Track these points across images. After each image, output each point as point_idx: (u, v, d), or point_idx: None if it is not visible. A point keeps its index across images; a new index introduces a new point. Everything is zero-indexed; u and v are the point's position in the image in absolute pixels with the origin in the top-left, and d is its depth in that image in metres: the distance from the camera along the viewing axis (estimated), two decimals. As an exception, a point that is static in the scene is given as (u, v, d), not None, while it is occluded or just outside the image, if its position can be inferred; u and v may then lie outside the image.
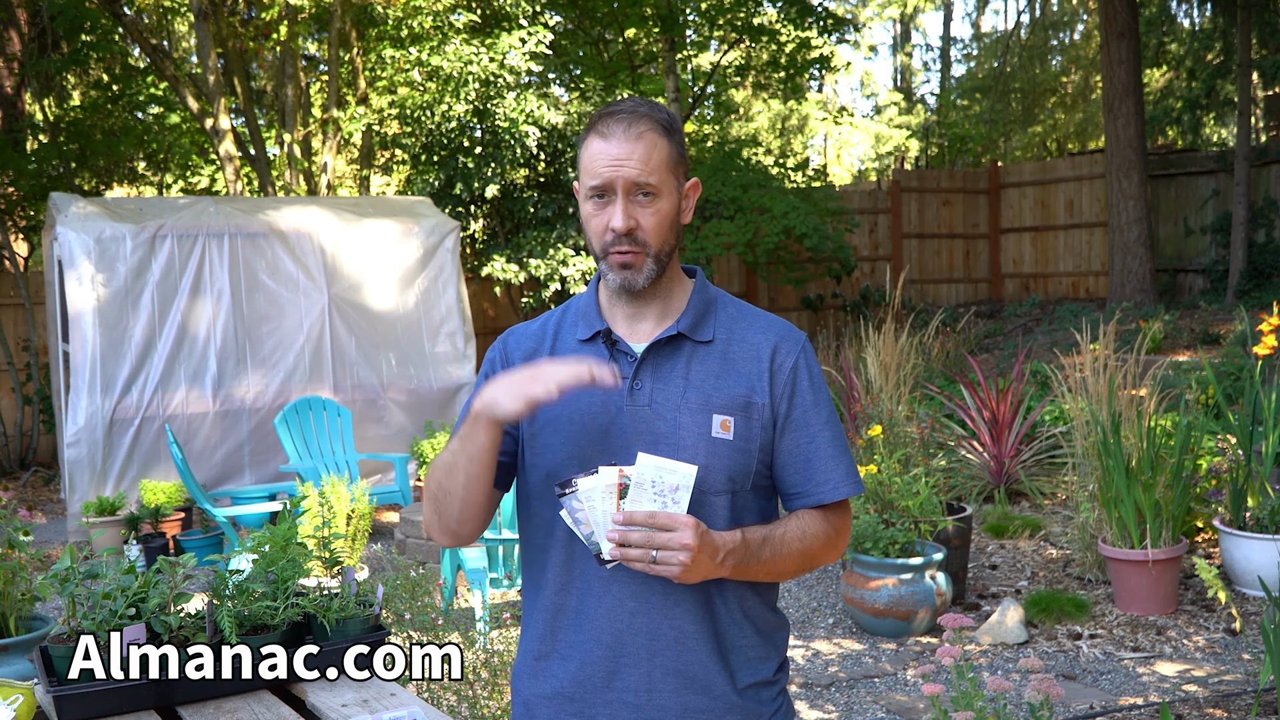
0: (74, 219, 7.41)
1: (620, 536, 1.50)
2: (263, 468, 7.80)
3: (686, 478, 1.52)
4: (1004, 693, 3.11)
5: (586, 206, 1.66)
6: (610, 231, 1.62)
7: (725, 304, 1.75)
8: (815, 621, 5.32)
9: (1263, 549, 5.03)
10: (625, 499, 1.53)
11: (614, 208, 1.62)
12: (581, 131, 1.70)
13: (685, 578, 1.52)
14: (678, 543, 1.49)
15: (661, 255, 1.66)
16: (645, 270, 1.65)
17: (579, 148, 1.69)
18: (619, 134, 1.61)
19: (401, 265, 8.46)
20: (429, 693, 3.36)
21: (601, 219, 1.64)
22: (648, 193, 1.63)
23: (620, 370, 1.66)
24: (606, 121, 1.63)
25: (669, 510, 1.52)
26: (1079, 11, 24.00)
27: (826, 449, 1.69)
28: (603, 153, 1.62)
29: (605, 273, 1.67)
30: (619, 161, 1.61)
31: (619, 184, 1.61)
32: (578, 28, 14.71)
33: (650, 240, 1.64)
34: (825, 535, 1.69)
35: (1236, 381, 8.16)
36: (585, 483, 1.54)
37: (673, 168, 1.66)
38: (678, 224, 1.69)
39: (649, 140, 1.62)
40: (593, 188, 1.63)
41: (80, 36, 11.16)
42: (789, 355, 1.70)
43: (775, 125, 25.35)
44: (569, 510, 1.57)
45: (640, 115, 1.63)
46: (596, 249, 1.66)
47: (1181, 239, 13.92)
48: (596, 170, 1.62)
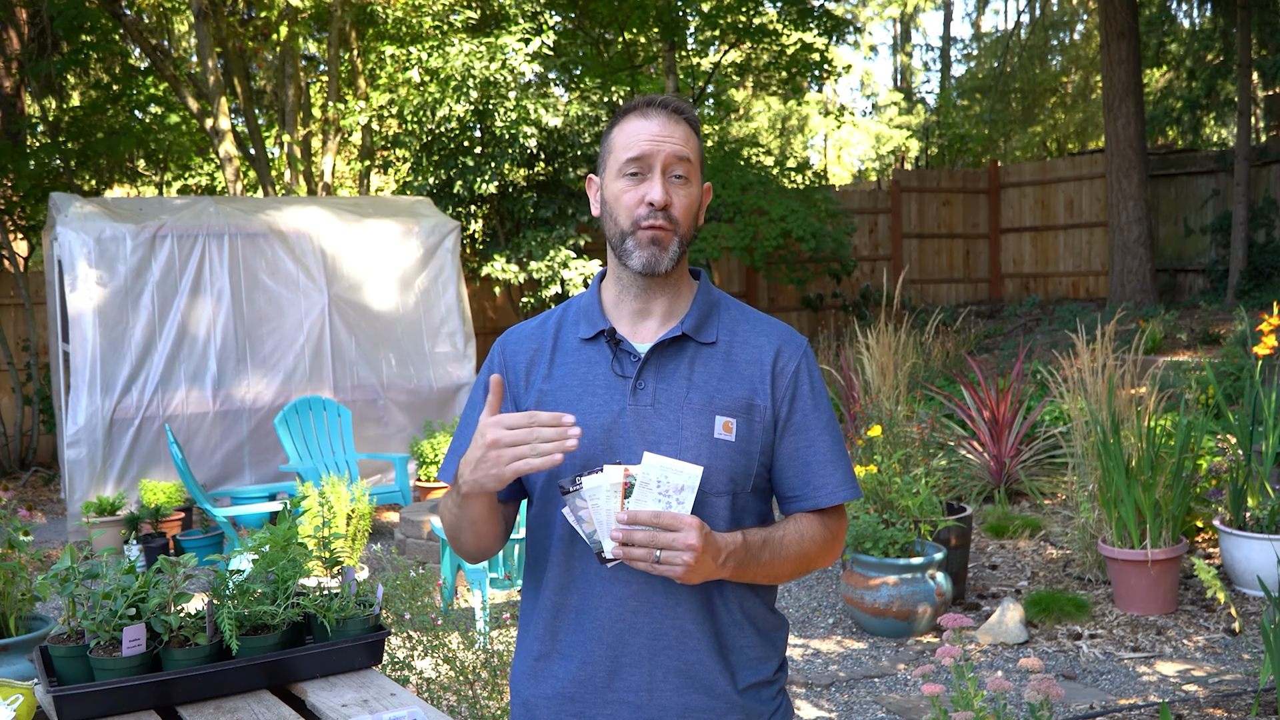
0: (74, 219, 7.41)
1: (624, 536, 1.50)
2: (263, 468, 7.80)
3: (692, 478, 1.52)
4: (1004, 693, 3.11)
5: (618, 184, 1.67)
6: (645, 205, 1.64)
7: (728, 306, 1.76)
8: (815, 621, 5.32)
9: (1262, 549, 5.03)
10: (630, 498, 1.53)
11: (651, 182, 1.64)
12: (611, 120, 1.72)
13: (688, 578, 1.53)
14: (682, 543, 1.49)
15: (686, 239, 1.68)
16: (671, 250, 1.66)
17: (609, 133, 1.71)
18: (661, 116, 1.66)
19: (401, 265, 8.46)
20: (429, 693, 3.36)
21: (635, 194, 1.65)
22: (681, 175, 1.66)
23: (624, 369, 1.67)
24: (646, 108, 1.68)
25: (673, 510, 1.52)
26: (1079, 11, 24.00)
27: (825, 454, 1.70)
28: (644, 129, 1.65)
29: (630, 252, 1.66)
30: (660, 138, 1.64)
31: (659, 158, 1.64)
32: (578, 28, 14.70)
33: (681, 219, 1.66)
34: (822, 539, 1.70)
35: (1236, 381, 8.16)
36: (590, 481, 1.54)
37: (700, 163, 1.71)
38: (697, 214, 1.72)
39: (686, 129, 1.68)
40: (630, 160, 1.65)
41: (80, 36, 11.15)
42: (791, 360, 1.71)
43: (775, 125, 25.35)
44: (572, 508, 1.56)
45: (678, 105, 1.69)
46: (625, 224, 1.66)
47: (1181, 239, 13.92)
48: (637, 144, 1.65)
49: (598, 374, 1.68)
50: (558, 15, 13.57)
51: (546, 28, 11.14)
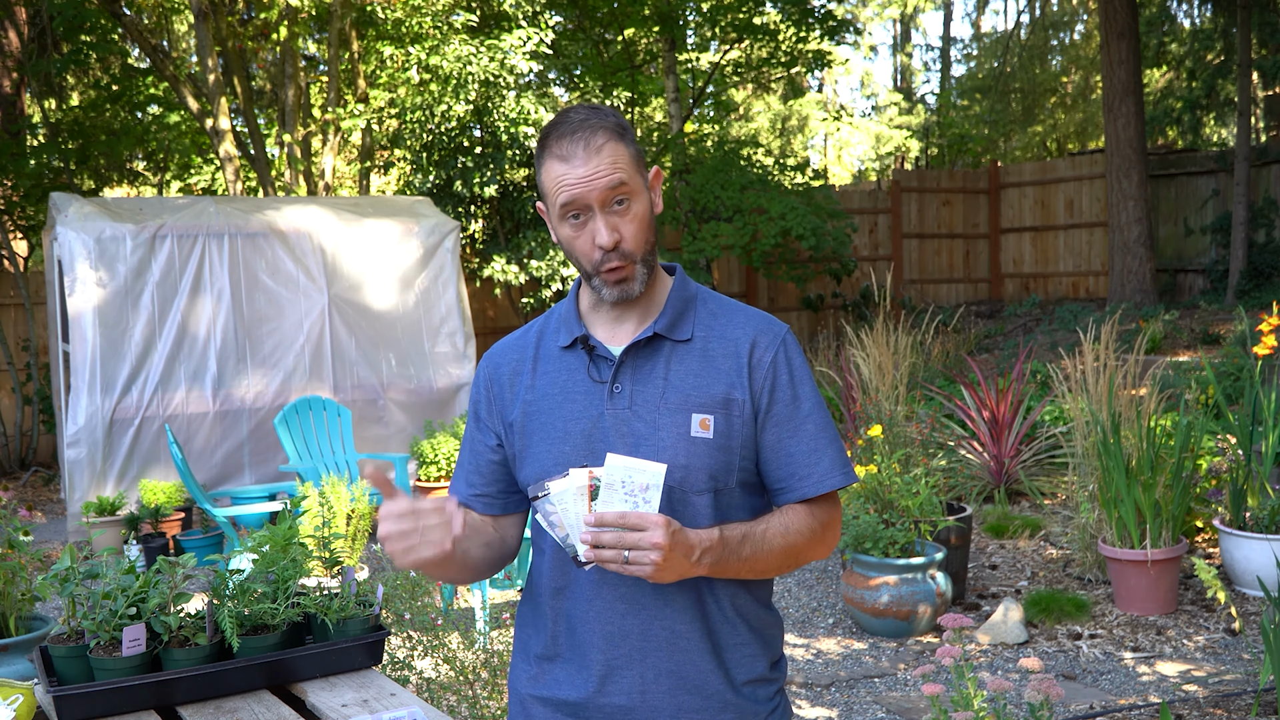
0: (74, 219, 7.41)
1: (593, 538, 1.49)
2: (263, 468, 7.80)
3: (656, 476, 1.51)
4: (1004, 693, 3.11)
5: (564, 229, 1.64)
6: (598, 250, 1.61)
7: (705, 300, 1.74)
8: (815, 621, 5.32)
9: (1262, 549, 5.03)
10: (596, 500, 1.52)
11: (594, 224, 1.60)
12: (538, 145, 1.66)
13: (659, 577, 1.51)
14: (648, 542, 1.47)
15: (647, 258, 1.66)
16: (638, 278, 1.65)
17: (537, 168, 1.65)
18: (579, 153, 1.58)
19: (401, 265, 8.46)
20: (429, 693, 3.36)
21: (584, 239, 1.62)
22: (621, 199, 1.61)
23: (600, 374, 1.67)
24: (560, 142, 1.59)
25: (640, 510, 1.50)
26: (1079, 11, 24.00)
27: (808, 442, 1.67)
28: (567, 174, 1.59)
29: (600, 289, 1.65)
30: (586, 179, 1.58)
31: (594, 197, 1.59)
32: (578, 28, 14.70)
33: (635, 249, 1.63)
34: (810, 530, 1.67)
35: (1236, 381, 8.16)
36: (556, 486, 1.54)
37: (637, 167, 1.64)
38: (653, 221, 1.69)
39: (609, 150, 1.59)
40: (565, 207, 1.60)
41: (80, 36, 11.16)
42: (768, 350, 1.68)
43: (775, 125, 25.35)
44: (543, 514, 1.57)
45: (592, 126, 1.60)
46: (586, 268, 1.65)
47: (1181, 239, 13.92)
48: (565, 190, 1.59)
49: (576, 380, 1.68)
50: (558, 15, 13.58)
51: (545, 26, 11.14)
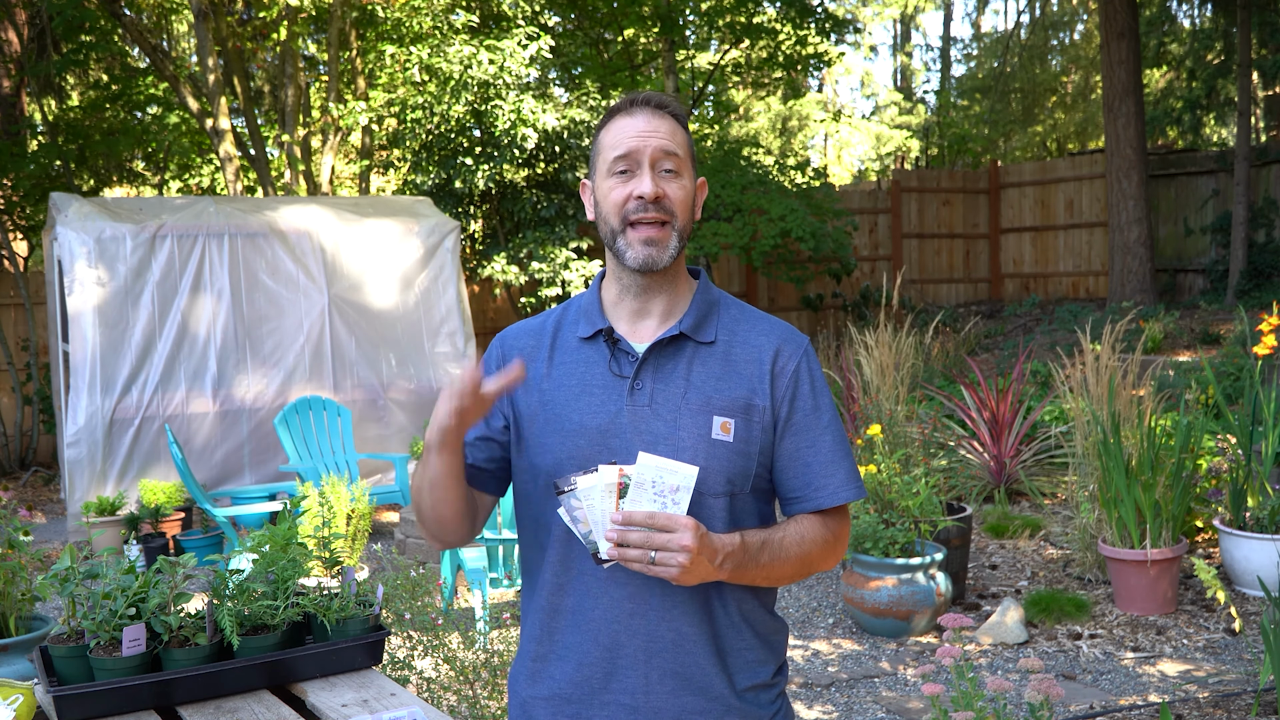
0: (74, 219, 7.41)
1: (619, 536, 1.49)
2: (263, 468, 7.79)
3: (687, 479, 1.51)
4: (1004, 693, 3.11)
5: (607, 183, 1.66)
6: (635, 200, 1.63)
7: (728, 305, 1.74)
8: (815, 621, 5.32)
9: (1263, 549, 5.03)
10: (625, 499, 1.51)
11: (640, 177, 1.63)
12: (599, 123, 1.72)
13: (683, 579, 1.51)
14: (677, 544, 1.48)
15: (684, 232, 1.67)
16: (670, 246, 1.65)
17: (598, 135, 1.70)
18: (645, 112, 1.65)
19: (401, 265, 8.45)
20: (429, 693, 3.36)
21: (624, 190, 1.64)
22: (671, 169, 1.65)
23: (622, 369, 1.66)
24: (629, 105, 1.67)
25: (669, 511, 1.50)
26: (1079, 11, 23.99)
27: (826, 454, 1.67)
28: (629, 127, 1.65)
29: (624, 251, 1.65)
30: (645, 133, 1.64)
31: (647, 153, 1.63)
32: (577, 28, 14.70)
33: (678, 211, 1.65)
34: (824, 540, 1.68)
35: (1236, 381, 8.16)
36: (585, 481, 1.53)
37: (688, 156, 1.69)
38: (694, 212, 1.70)
39: (671, 125, 1.66)
40: (618, 158, 1.64)
41: (80, 37, 11.15)
42: (791, 359, 1.68)
43: (775, 125, 25.34)
44: (567, 509, 1.55)
45: (664, 102, 1.68)
46: (615, 223, 1.65)
47: (1181, 239, 13.92)
48: (622, 142, 1.64)
49: (595, 374, 1.67)
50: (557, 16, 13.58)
51: (544, 31, 11.14)
